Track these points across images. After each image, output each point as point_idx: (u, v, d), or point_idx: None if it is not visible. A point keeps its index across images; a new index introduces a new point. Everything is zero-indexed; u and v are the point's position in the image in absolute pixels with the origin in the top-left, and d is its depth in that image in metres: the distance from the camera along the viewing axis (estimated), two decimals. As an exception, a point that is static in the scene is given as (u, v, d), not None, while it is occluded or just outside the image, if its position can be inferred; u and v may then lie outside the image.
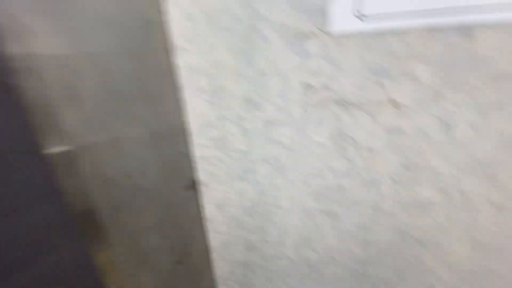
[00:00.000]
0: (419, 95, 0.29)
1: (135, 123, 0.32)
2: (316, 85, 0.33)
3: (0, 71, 0.18)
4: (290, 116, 0.35)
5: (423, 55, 0.27)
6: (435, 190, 0.33)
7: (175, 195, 0.40)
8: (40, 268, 0.22)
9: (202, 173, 0.43)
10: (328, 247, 0.42)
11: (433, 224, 0.34)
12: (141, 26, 0.31)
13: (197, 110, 0.39)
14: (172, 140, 0.39)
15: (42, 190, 0.21)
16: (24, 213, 0.20)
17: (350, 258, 0.41)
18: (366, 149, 0.33)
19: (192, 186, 0.44)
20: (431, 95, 0.29)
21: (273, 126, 0.37)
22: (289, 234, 0.43)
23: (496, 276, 0.34)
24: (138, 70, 0.32)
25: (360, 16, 0.28)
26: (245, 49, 0.33)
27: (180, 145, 0.40)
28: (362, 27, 0.28)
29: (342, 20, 0.29)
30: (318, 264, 0.44)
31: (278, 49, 0.32)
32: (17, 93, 0.19)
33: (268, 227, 0.44)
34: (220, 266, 0.51)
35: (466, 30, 0.25)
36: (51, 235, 0.22)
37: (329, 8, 0.29)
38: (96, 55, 0.26)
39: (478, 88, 0.27)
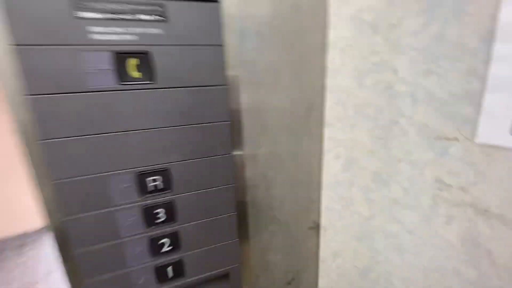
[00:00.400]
0: None
1: (282, 169, 0.46)
2: (452, 184, 0.33)
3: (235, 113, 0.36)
4: (418, 203, 0.37)
5: None
6: None
7: (300, 230, 0.50)
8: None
9: (325, 220, 0.51)
10: None
11: None
12: (306, 108, 0.44)
13: (331, 170, 0.48)
14: (308, 186, 0.50)
15: (229, 179, 0.38)
16: (219, 192, 0.37)
17: None
18: (505, 268, 0.29)
19: (315, 228, 0.53)
20: None
21: (397, 205, 0.39)
22: (396, 314, 0.43)
23: None
24: (297, 135, 0.45)
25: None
26: (382, 135, 0.39)
27: (312, 192, 0.51)
28: (519, 144, 0.27)
29: (495, 134, 0.28)
30: None
31: (415, 143, 0.35)
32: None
33: (375, 296, 0.45)
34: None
35: None
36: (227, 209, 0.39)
37: (481, 121, 0.29)
38: (277, 110, 0.42)
39: None
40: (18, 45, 0.25)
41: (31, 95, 0.26)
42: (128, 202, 0.33)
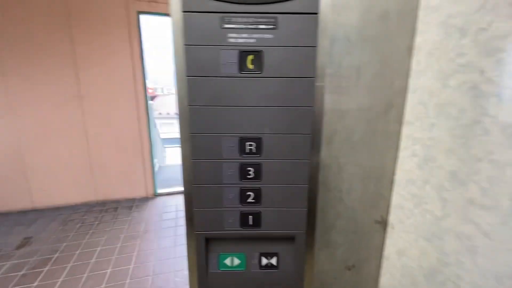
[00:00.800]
0: None
1: (355, 158, 0.51)
2: (538, 186, 0.32)
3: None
4: (497, 204, 0.36)
5: None
6: None
7: (366, 221, 0.54)
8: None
9: (393, 216, 0.53)
10: None
11: None
12: (385, 106, 0.49)
13: (405, 167, 0.50)
14: (379, 181, 0.53)
15: (305, 154, 0.46)
16: (296, 164, 0.46)
17: None
18: None
19: (382, 223, 0.55)
20: None
21: (473, 206, 0.39)
22: (461, 322, 0.41)
23: None
24: (374, 129, 0.50)
25: None
26: (463, 134, 0.39)
27: (383, 187, 0.53)
28: None
29: None
30: None
31: (498, 142, 0.35)
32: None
33: (439, 299, 0.45)
34: (380, 304, 0.57)
35: None
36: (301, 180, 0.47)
37: None
38: (357, 104, 0.48)
39: None
40: (186, 44, 0.41)
41: (188, 76, 0.42)
42: (231, 158, 0.45)
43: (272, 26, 0.41)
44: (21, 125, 2.88)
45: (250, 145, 0.45)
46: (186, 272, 2.14)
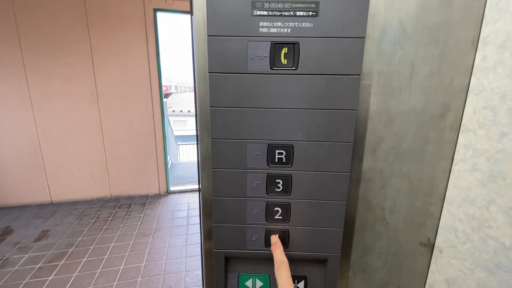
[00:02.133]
0: None
1: (402, 170, 0.43)
2: None
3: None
4: None
5: None
6: None
7: (410, 242, 0.46)
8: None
9: (442, 239, 0.45)
10: None
11: None
12: (441, 109, 0.41)
13: (462, 183, 0.42)
14: (428, 197, 0.45)
15: (345, 167, 0.39)
16: (333, 177, 0.39)
17: None
18: None
19: (427, 245, 0.47)
20: None
21: None
22: None
23: None
24: (426, 137, 0.42)
25: None
26: (552, 149, 0.31)
27: (432, 204, 0.45)
28: None
29: None
30: None
31: None
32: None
33: None
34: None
35: None
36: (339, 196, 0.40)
37: None
38: (407, 107, 0.40)
39: None
40: (209, 35, 0.35)
41: (210, 72, 0.36)
42: (257, 168, 0.39)
43: (312, 13, 0.34)
44: (39, 120, 2.94)
45: (280, 153, 0.39)
46: (197, 273, 2.11)
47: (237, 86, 0.36)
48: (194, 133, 0.41)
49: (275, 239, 0.42)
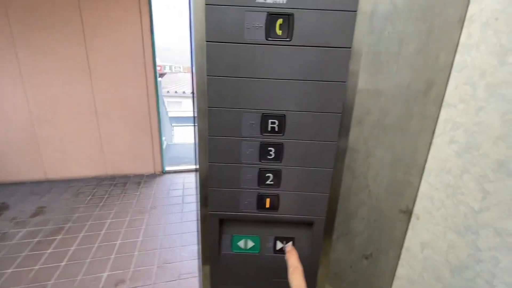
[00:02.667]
0: None
1: (386, 142, 0.47)
2: None
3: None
4: (554, 201, 0.32)
5: None
6: None
7: (390, 210, 0.50)
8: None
9: (419, 206, 0.49)
10: None
11: None
12: (426, 85, 0.43)
13: (440, 155, 0.45)
14: (409, 168, 0.49)
15: (333, 136, 0.41)
16: (322, 146, 0.42)
17: None
18: None
19: (407, 212, 0.51)
20: None
21: (523, 201, 0.35)
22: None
23: None
24: (406, 113, 0.45)
25: None
26: (520, 120, 0.34)
27: (412, 175, 0.49)
28: None
29: None
30: None
31: None
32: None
33: (467, 296, 0.42)
34: (396, 295, 0.55)
35: None
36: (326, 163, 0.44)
37: None
38: (394, 81, 0.43)
39: None
40: (208, 4, 0.36)
41: (207, 41, 0.37)
42: (251, 136, 0.42)
43: (307, -15, 0.35)
44: (32, 97, 2.88)
45: (273, 122, 0.41)
46: (192, 248, 2.19)
47: (233, 56, 0.38)
48: (189, 114, 0.43)
49: (290, 247, 0.46)
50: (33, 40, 2.74)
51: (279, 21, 0.36)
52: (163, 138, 3.50)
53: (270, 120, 0.41)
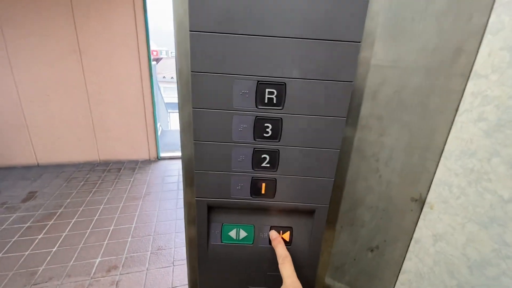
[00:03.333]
0: None
1: (402, 119, 0.40)
2: None
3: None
4: None
5: None
6: None
7: (401, 197, 0.44)
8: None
9: (434, 194, 0.43)
10: None
11: None
12: (453, 52, 0.36)
13: (463, 135, 0.39)
14: (425, 151, 0.42)
15: (341, 110, 0.35)
16: (328, 122, 0.35)
17: None
18: None
19: (418, 200, 0.46)
20: None
21: None
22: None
23: None
24: (427, 86, 0.38)
25: None
26: None
27: (428, 159, 0.43)
28: None
29: None
30: None
31: None
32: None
33: (488, 295, 0.37)
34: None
35: None
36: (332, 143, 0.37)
37: None
38: (416, 47, 0.36)
39: None
40: None
41: (190, -13, 0.29)
42: (244, 109, 0.35)
43: None
44: (20, 79, 2.76)
45: (271, 92, 0.34)
46: (187, 235, 2.17)
47: (222, 4, 0.30)
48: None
49: (275, 234, 0.41)
50: (20, 20, 2.58)
51: (281, -41, 0.29)
52: (158, 124, 3.41)
53: (267, 90, 0.34)
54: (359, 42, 0.31)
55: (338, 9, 0.30)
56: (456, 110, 0.39)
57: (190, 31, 0.31)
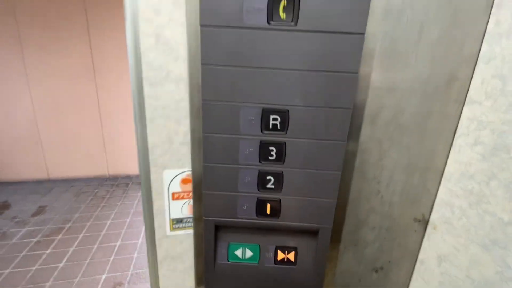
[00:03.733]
0: None
1: (402, 142, 0.42)
2: None
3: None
4: None
5: None
6: None
7: (404, 218, 0.45)
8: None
9: (436, 215, 0.44)
10: None
11: None
12: (447, 78, 0.39)
13: (462, 158, 0.40)
14: (426, 172, 0.44)
15: (342, 135, 0.37)
16: (329, 146, 0.37)
17: None
18: None
19: (422, 221, 0.46)
20: None
21: None
22: None
23: None
24: (424, 111, 0.40)
25: None
26: None
27: (429, 179, 0.44)
28: None
29: None
30: None
31: None
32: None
33: (494, 320, 0.37)
34: (409, 312, 0.50)
35: None
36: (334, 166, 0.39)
37: None
38: (411, 73, 0.38)
39: None
40: (202, -15, 0.32)
41: (202, 25, 0.33)
42: (250, 134, 0.37)
43: (314, -39, 0.31)
44: (36, 96, 2.89)
45: (274, 119, 0.37)
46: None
47: (231, 42, 0.33)
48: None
49: None
50: (39, 39, 2.75)
51: (283, 2, 0.32)
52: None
53: (271, 116, 0.37)
54: (356, 73, 0.34)
55: (336, 45, 0.33)
56: (454, 134, 0.41)
57: (202, 64, 0.34)
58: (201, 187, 0.41)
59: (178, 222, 0.45)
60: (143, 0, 0.34)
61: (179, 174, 0.42)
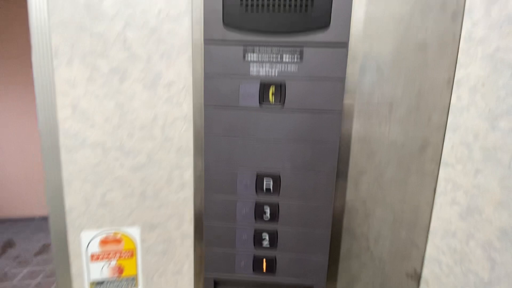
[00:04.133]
0: None
1: (385, 201, 0.45)
2: None
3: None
4: None
5: None
6: None
7: (396, 273, 0.47)
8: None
9: (427, 271, 0.46)
10: None
11: None
12: (420, 144, 0.43)
13: (443, 215, 0.43)
14: (413, 227, 0.47)
15: (328, 196, 0.41)
16: (318, 206, 0.42)
17: None
18: None
19: (414, 276, 0.48)
20: None
21: (536, 276, 0.32)
22: None
23: None
24: (406, 169, 0.44)
25: None
26: (520, 187, 0.33)
27: (417, 235, 0.47)
28: None
29: None
30: None
31: None
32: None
33: None
34: None
35: None
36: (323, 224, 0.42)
37: None
38: (387, 141, 0.43)
39: None
40: (205, 77, 0.39)
41: (205, 105, 0.40)
42: (247, 196, 0.42)
43: (297, 59, 0.38)
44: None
45: (268, 183, 0.41)
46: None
47: (229, 118, 0.40)
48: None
49: None
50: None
51: (272, 89, 0.39)
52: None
53: (265, 180, 0.41)
54: (337, 142, 0.39)
55: (318, 121, 0.39)
56: (434, 192, 0.45)
57: (205, 134, 0.40)
58: (202, 245, 0.44)
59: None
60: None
61: (97, 235, 0.43)
